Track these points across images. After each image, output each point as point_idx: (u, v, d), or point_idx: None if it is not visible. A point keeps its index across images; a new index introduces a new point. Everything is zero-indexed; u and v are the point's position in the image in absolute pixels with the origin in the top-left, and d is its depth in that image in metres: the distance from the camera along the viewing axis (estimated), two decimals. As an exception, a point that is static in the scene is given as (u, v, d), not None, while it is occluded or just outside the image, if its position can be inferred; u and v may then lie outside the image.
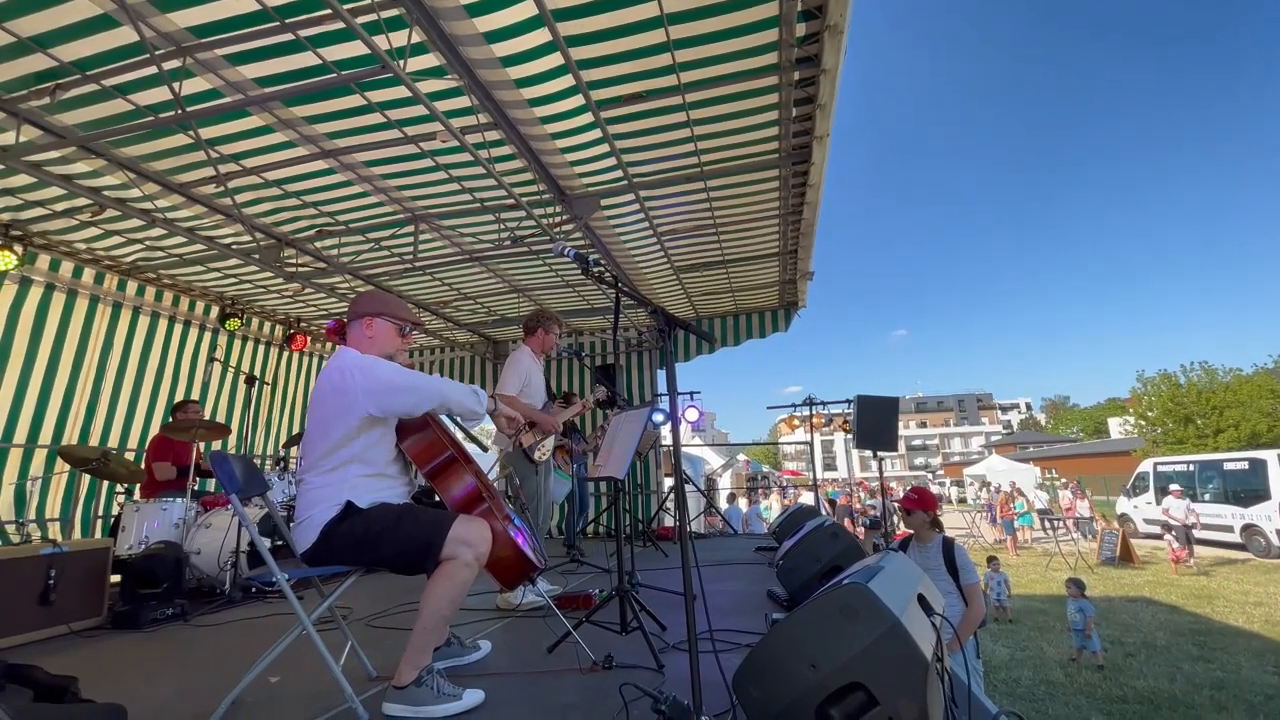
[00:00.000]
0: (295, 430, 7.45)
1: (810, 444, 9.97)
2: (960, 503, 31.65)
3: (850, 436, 8.06)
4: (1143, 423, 31.47)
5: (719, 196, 5.25)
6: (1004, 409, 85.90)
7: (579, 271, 2.25)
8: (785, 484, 24.78)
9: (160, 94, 3.46)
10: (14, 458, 5.20)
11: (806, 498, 17.83)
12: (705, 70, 3.61)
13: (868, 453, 6.82)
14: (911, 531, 4.07)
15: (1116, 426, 50.35)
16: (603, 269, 2.17)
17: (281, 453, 6.83)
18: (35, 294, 5.27)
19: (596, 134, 4.18)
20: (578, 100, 3.79)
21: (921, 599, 1.68)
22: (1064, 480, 25.30)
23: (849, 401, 8.36)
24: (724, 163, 4.71)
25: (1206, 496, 15.70)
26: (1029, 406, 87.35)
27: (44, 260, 5.30)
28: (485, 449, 2.93)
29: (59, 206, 4.70)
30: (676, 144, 4.40)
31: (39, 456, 5.32)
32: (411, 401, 2.18)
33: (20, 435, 5.17)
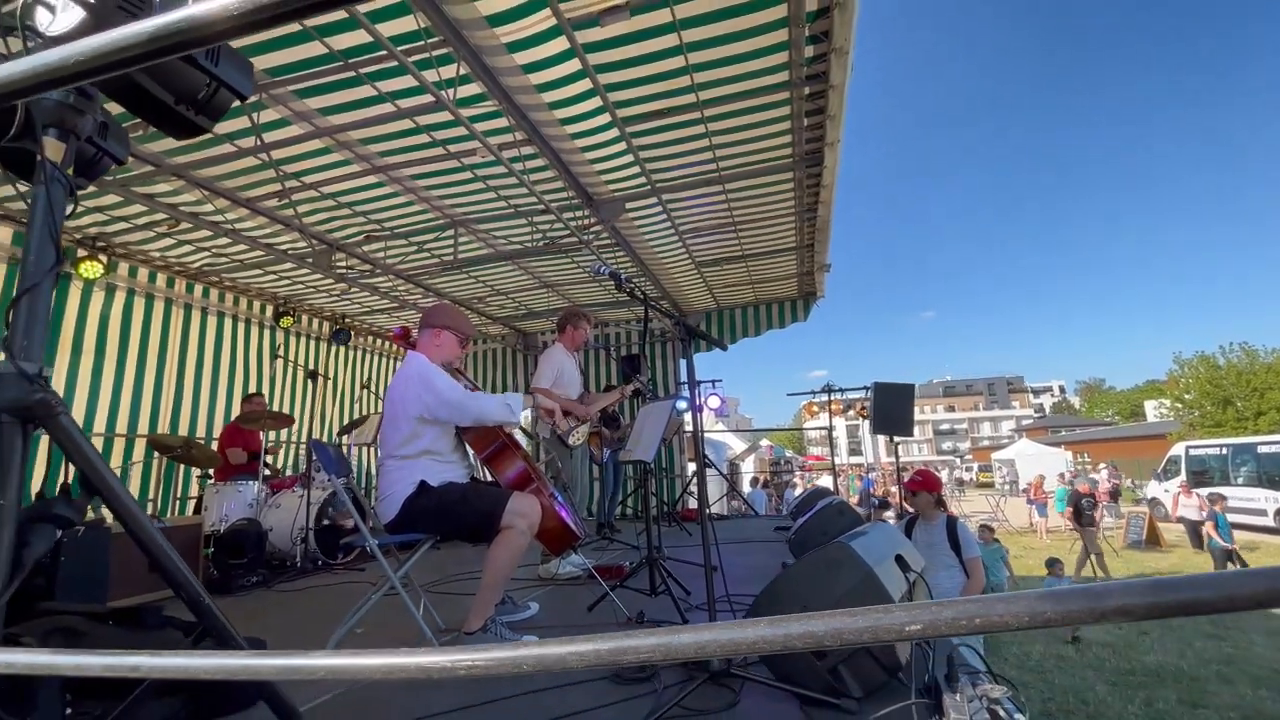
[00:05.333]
0: (346, 420, 7.99)
1: (830, 429, 10.25)
2: (984, 487, 31.33)
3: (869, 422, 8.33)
4: (1179, 406, 30.79)
5: (737, 198, 5.55)
6: (1036, 392, 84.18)
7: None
8: (809, 467, 25.02)
9: (239, 122, 3.91)
10: (116, 446, 5.82)
11: (825, 480, 18.05)
12: (722, 89, 3.92)
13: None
14: (917, 511, 4.40)
15: (1152, 410, 49.14)
16: (634, 285, 2.53)
17: (337, 440, 7.38)
18: (120, 299, 5.85)
19: (621, 145, 4.52)
20: (605, 118, 4.13)
21: (900, 559, 2.03)
22: (1099, 465, 24.96)
23: (867, 388, 8.61)
24: (741, 167, 5.01)
25: (1239, 480, 15.57)
26: (1062, 390, 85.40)
27: (124, 268, 5.88)
28: (531, 437, 3.35)
29: (140, 220, 5.23)
30: (696, 152, 4.71)
31: (135, 444, 5.94)
32: (455, 416, 2.66)
33: (121, 426, 5.79)
